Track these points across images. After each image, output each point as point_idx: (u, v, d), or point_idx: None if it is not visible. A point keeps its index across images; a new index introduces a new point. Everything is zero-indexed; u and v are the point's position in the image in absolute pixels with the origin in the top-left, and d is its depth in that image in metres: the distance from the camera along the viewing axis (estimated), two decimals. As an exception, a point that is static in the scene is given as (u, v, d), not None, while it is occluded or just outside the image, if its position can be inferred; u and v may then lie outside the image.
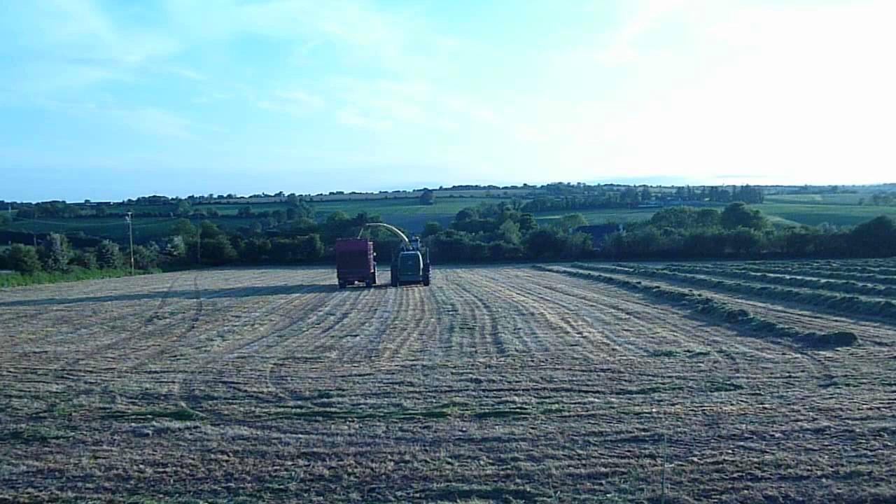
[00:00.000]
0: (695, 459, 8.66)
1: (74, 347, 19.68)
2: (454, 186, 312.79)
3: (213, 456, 9.18)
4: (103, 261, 76.34)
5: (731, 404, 11.44)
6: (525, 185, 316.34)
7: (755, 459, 8.60)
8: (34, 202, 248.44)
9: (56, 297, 41.75)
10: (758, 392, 12.30)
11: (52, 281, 60.93)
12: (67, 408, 12.08)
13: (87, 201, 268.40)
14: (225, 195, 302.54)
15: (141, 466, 8.80)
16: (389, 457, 9.01)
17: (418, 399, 12.32)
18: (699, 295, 30.03)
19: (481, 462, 8.74)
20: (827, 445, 9.14)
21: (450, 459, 8.86)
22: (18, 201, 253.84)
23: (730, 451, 8.95)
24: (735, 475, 8.09)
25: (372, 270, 46.70)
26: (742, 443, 9.33)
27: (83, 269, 70.78)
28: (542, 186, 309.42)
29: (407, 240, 53.59)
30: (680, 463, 8.54)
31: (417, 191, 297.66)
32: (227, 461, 8.96)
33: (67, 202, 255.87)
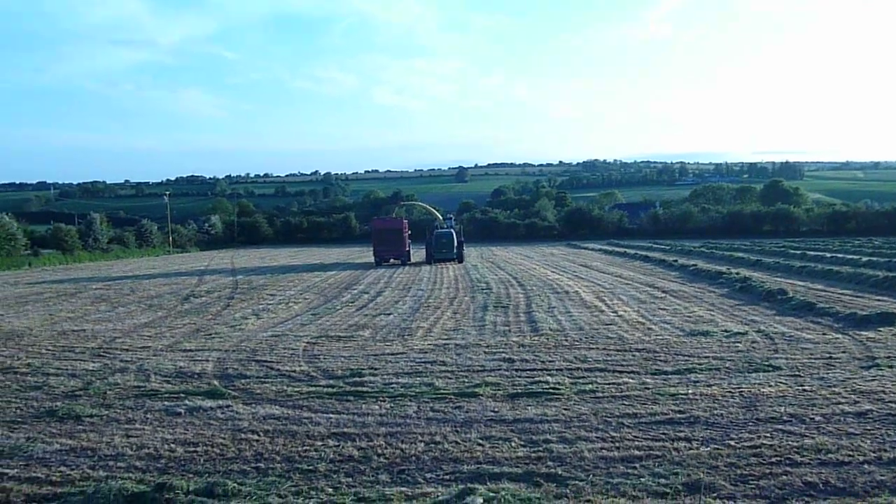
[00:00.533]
0: (731, 443, 8.45)
1: (112, 326, 19.89)
2: (489, 164, 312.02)
3: (243, 435, 9.18)
4: (142, 240, 77.41)
5: (770, 386, 11.17)
6: (560, 162, 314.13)
7: (794, 444, 8.37)
8: (76, 182, 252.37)
9: (96, 275, 42.35)
10: (797, 373, 12.01)
11: (93, 260, 61.86)
12: (102, 386, 12.18)
13: (126, 181, 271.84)
14: (261, 174, 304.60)
15: (172, 446, 8.82)
16: (420, 437, 8.92)
17: (450, 378, 12.23)
18: (737, 273, 29.54)
19: (513, 444, 8.62)
20: (869, 430, 8.86)
21: (481, 441, 8.75)
22: (60, 182, 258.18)
23: (768, 435, 8.72)
24: (773, 460, 7.88)
25: (407, 248, 47.23)
26: (781, 426, 9.09)
27: (123, 247, 71.79)
28: (578, 164, 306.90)
29: (441, 218, 54.08)
30: (716, 447, 8.34)
31: (452, 169, 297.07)
32: (257, 441, 8.95)
33: (108, 182, 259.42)
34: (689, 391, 10.94)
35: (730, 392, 10.84)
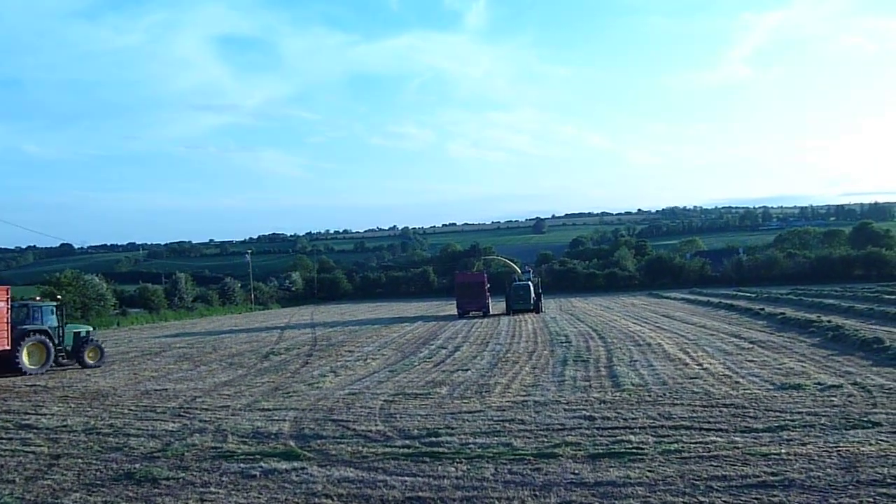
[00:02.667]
0: (832, 509, 7.87)
1: (193, 385, 20.14)
2: (567, 214, 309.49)
3: (317, 500, 9.00)
4: (225, 297, 79.35)
5: (870, 444, 10.45)
6: (639, 210, 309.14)
7: (902, 509, 7.73)
8: (163, 243, 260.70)
9: (180, 332, 43.31)
10: (901, 430, 11.23)
11: (178, 318, 63.46)
12: (181, 447, 12.21)
13: (211, 240, 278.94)
14: (341, 230, 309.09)
15: (245, 511, 8.68)
16: (497, 502, 8.58)
17: (529, 438, 11.86)
18: (828, 321, 28.28)
19: (594, 509, 8.20)
20: None
21: (561, 506, 8.36)
22: (149, 242, 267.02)
23: (870, 500, 8.09)
24: (880, 528, 7.29)
25: (487, 301, 49.39)
26: (884, 489, 8.43)
27: (206, 305, 73.68)
28: (657, 211, 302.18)
29: (519, 270, 55.85)
30: (815, 513, 7.77)
31: (530, 220, 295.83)
32: (330, 506, 8.74)
33: (193, 242, 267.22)
34: (782, 451, 10.31)
35: (826, 451, 10.18)
